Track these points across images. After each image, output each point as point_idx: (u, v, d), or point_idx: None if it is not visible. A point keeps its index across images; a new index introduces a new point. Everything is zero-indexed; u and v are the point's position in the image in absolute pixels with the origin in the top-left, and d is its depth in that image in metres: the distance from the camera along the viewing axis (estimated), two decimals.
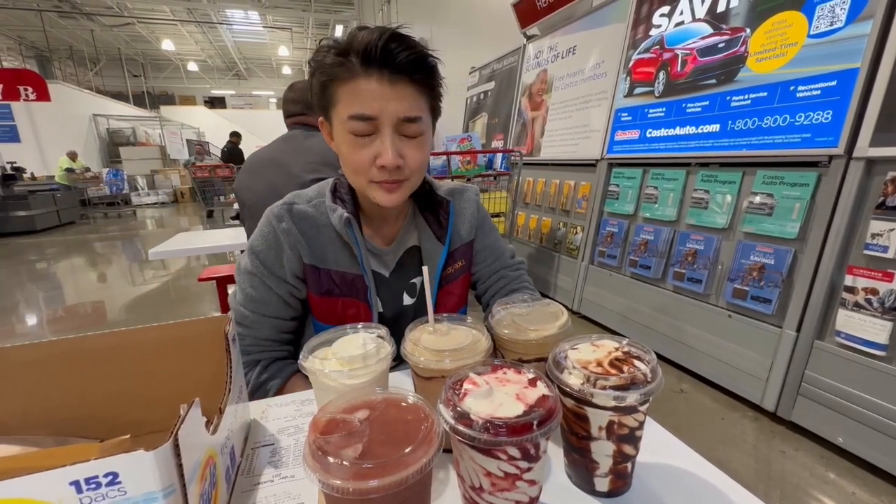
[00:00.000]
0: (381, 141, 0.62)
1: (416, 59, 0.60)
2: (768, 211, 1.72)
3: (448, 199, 0.80)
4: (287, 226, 0.72)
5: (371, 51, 0.58)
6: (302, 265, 0.73)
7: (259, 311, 0.72)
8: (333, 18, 12.40)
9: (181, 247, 2.11)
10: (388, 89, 0.60)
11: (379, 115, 0.60)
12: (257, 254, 0.72)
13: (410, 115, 0.62)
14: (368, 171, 0.65)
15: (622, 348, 0.46)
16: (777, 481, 1.42)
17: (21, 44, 12.90)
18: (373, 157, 0.63)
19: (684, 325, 2.07)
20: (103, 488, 0.30)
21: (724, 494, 0.46)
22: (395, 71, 0.59)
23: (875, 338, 1.39)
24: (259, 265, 0.72)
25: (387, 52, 0.58)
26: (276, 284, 0.72)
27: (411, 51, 0.59)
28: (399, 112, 0.61)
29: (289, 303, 0.74)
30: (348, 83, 0.60)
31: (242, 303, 0.73)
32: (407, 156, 0.64)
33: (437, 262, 0.77)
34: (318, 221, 0.73)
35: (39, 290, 3.96)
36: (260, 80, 19.95)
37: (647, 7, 2.40)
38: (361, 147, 0.63)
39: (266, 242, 0.72)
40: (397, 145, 0.63)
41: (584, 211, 2.84)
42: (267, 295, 0.72)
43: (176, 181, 11.42)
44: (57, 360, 0.51)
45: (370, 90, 0.59)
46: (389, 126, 0.62)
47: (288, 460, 0.52)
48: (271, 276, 0.72)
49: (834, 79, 1.55)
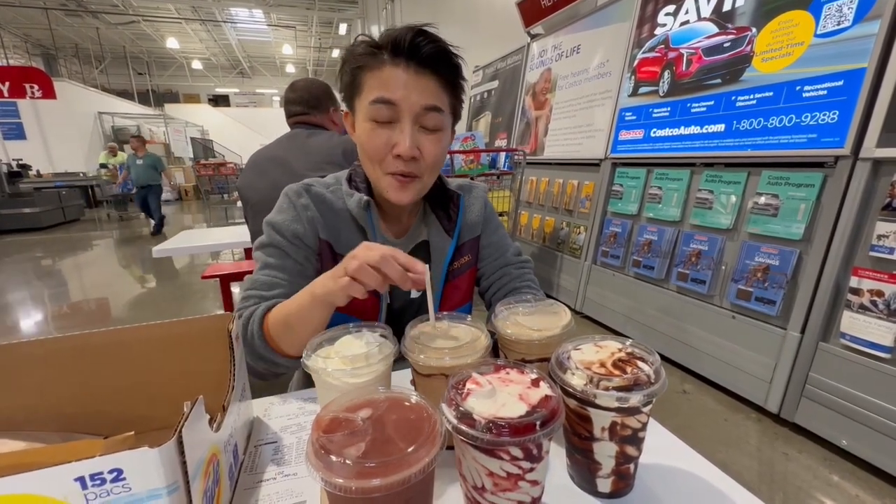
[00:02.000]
0: (401, 129, 0.64)
1: (439, 51, 0.64)
2: (773, 212, 1.71)
3: (459, 193, 0.82)
4: (306, 201, 0.73)
5: (400, 42, 0.61)
6: (318, 241, 0.74)
7: (274, 275, 0.71)
8: (337, 17, 12.41)
9: (185, 245, 2.11)
10: (413, 78, 0.63)
11: (401, 102, 0.63)
12: (274, 225, 0.73)
13: (431, 104, 0.64)
14: (384, 160, 0.66)
15: (625, 349, 0.46)
16: (780, 483, 1.41)
17: (27, 42, 12.98)
18: (390, 144, 0.65)
19: (688, 326, 2.06)
20: (108, 484, 0.30)
21: (726, 496, 0.46)
22: (421, 63, 0.63)
23: (880, 340, 1.38)
24: (276, 235, 0.72)
25: (414, 45, 0.62)
26: (294, 251, 0.72)
27: (435, 44, 0.63)
28: (421, 101, 0.63)
29: (303, 268, 0.73)
30: (375, 70, 0.64)
31: (257, 270, 0.72)
32: (424, 148, 0.66)
33: (445, 255, 0.78)
34: (334, 205, 0.74)
35: (45, 286, 3.98)
36: (264, 79, 19.98)
37: (653, 6, 2.38)
38: (380, 133, 0.65)
39: (284, 215, 0.73)
40: (415, 136, 0.65)
41: (587, 211, 2.83)
42: (283, 261, 0.72)
43: (180, 179, 11.47)
44: (63, 356, 0.51)
45: (395, 77, 0.62)
46: (410, 115, 0.64)
47: (290, 458, 0.52)
48: (289, 244, 0.72)
49: (841, 79, 1.54)
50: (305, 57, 18.11)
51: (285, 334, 0.63)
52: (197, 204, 10.56)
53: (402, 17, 7.95)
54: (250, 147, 6.35)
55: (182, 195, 11.50)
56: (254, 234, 1.48)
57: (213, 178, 8.91)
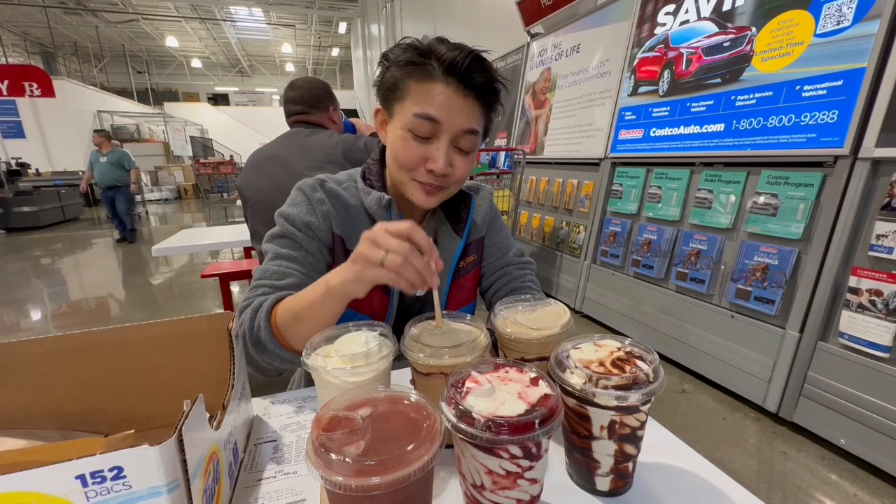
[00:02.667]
0: (437, 147, 0.65)
1: (491, 82, 0.66)
2: (772, 211, 1.72)
3: (470, 194, 0.83)
4: (320, 196, 0.73)
5: (457, 64, 0.63)
6: (331, 235, 0.74)
7: (285, 266, 0.70)
8: (337, 15, 12.40)
9: (184, 243, 2.11)
10: (460, 101, 0.64)
11: (444, 121, 0.64)
12: (287, 216, 0.73)
13: (471, 128, 0.66)
14: (415, 171, 0.68)
15: (624, 348, 0.46)
16: (779, 482, 1.42)
17: (26, 40, 12.97)
18: (424, 158, 0.66)
19: (687, 326, 2.06)
20: (108, 482, 0.30)
21: (724, 495, 0.46)
22: (470, 87, 0.64)
23: (879, 339, 1.38)
24: (289, 226, 0.72)
25: (469, 70, 0.63)
26: (307, 242, 0.72)
27: (489, 74, 0.66)
28: (462, 125, 0.65)
29: (315, 261, 0.72)
30: (424, 83, 0.64)
31: (268, 261, 0.71)
32: (456, 166, 0.68)
33: (454, 254, 0.79)
34: (348, 201, 0.75)
35: (44, 285, 3.98)
36: (263, 77, 19.98)
37: (653, 5, 2.38)
38: (416, 146, 0.66)
39: (298, 208, 0.73)
40: (450, 155, 0.66)
41: (587, 210, 2.83)
42: (295, 251, 0.71)
43: (180, 177, 11.47)
44: (63, 355, 0.51)
45: (445, 96, 0.64)
46: (449, 135, 0.65)
47: (290, 456, 0.52)
48: (303, 235, 0.72)
49: (840, 78, 1.54)
50: (305, 56, 18.09)
51: (294, 327, 0.61)
52: (196, 203, 10.56)
53: (402, 15, 7.94)
54: (250, 146, 6.33)
55: (181, 194, 11.50)
56: (253, 233, 1.48)
57: (212, 177, 8.92)
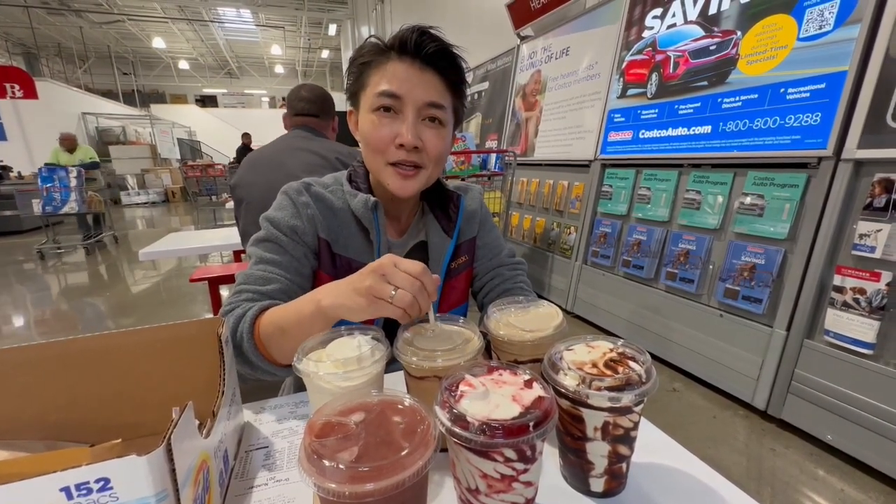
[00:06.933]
0: (403, 120, 0.66)
1: (442, 50, 0.67)
2: (759, 212, 1.74)
3: (459, 194, 0.83)
4: (306, 199, 0.73)
5: (406, 40, 0.65)
6: (317, 239, 0.73)
7: (269, 270, 0.69)
8: (327, 17, 12.34)
9: (172, 247, 2.08)
10: (417, 74, 0.66)
11: (405, 95, 0.65)
12: (272, 220, 0.72)
13: (434, 101, 0.67)
14: (387, 151, 0.67)
15: (617, 349, 0.46)
16: (768, 479, 1.44)
17: (8, 41, 12.68)
18: (393, 135, 0.66)
19: (676, 325, 2.09)
20: (94, 494, 0.29)
21: (715, 493, 0.47)
22: (425, 60, 0.66)
23: (863, 336, 1.41)
24: (274, 230, 0.71)
25: (419, 42, 0.65)
26: (291, 247, 0.71)
27: (439, 43, 0.67)
28: (424, 97, 0.66)
29: (301, 265, 0.72)
30: (381, 66, 0.66)
31: (252, 265, 0.70)
32: (426, 140, 0.67)
33: (445, 255, 0.79)
34: (334, 204, 0.74)
35: (27, 291, 3.89)
36: (252, 79, 19.80)
37: (640, 9, 2.42)
38: (384, 125, 0.66)
39: (283, 212, 0.72)
40: (418, 127, 0.67)
41: (577, 211, 2.85)
42: (280, 256, 0.70)
43: (167, 180, 11.30)
44: (47, 363, 0.50)
45: (401, 72, 0.65)
46: (413, 108, 0.66)
47: (282, 463, 0.52)
48: (288, 239, 0.71)
49: (823, 81, 1.57)
50: (295, 57, 17.98)
51: (278, 339, 0.59)
52: (185, 206, 10.41)
53: (392, 17, 7.93)
54: None
55: (169, 197, 11.33)
56: (244, 234, 1.47)
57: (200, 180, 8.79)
